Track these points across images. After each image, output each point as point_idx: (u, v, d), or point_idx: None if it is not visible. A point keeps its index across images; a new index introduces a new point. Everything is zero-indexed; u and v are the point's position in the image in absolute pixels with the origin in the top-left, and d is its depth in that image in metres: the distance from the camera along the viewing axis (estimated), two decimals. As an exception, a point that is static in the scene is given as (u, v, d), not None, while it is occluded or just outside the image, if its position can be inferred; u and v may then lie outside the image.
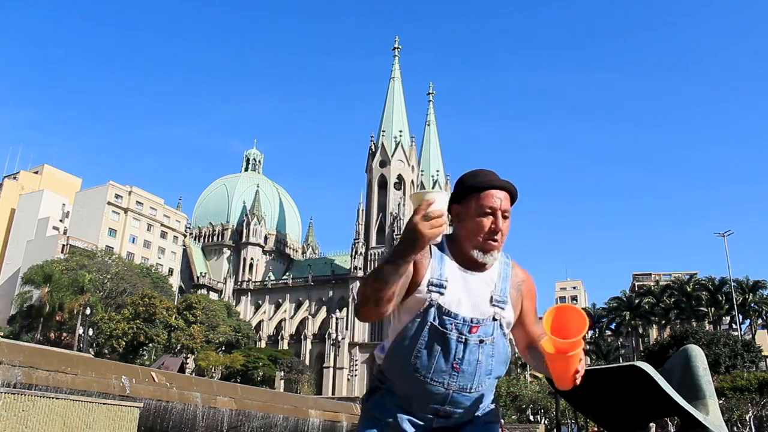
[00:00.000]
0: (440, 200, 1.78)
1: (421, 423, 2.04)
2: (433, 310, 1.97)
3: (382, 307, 1.87)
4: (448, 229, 1.92)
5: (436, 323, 1.97)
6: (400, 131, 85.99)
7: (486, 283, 2.06)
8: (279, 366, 66.12)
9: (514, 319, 2.11)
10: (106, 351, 53.62)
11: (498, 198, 2.03)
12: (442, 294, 1.98)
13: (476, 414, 2.08)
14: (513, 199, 2.09)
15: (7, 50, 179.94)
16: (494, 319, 2.02)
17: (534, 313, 2.20)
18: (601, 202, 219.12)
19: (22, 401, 4.28)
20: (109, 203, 78.71)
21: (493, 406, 2.15)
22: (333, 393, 70.00)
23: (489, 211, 2.02)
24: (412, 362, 1.97)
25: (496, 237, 2.02)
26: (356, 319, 2.11)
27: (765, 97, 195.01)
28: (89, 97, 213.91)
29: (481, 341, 1.98)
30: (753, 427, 32.70)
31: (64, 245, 71.76)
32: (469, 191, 2.05)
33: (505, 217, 2.04)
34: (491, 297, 2.04)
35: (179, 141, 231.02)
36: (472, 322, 1.97)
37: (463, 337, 1.96)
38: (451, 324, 1.96)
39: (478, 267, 2.06)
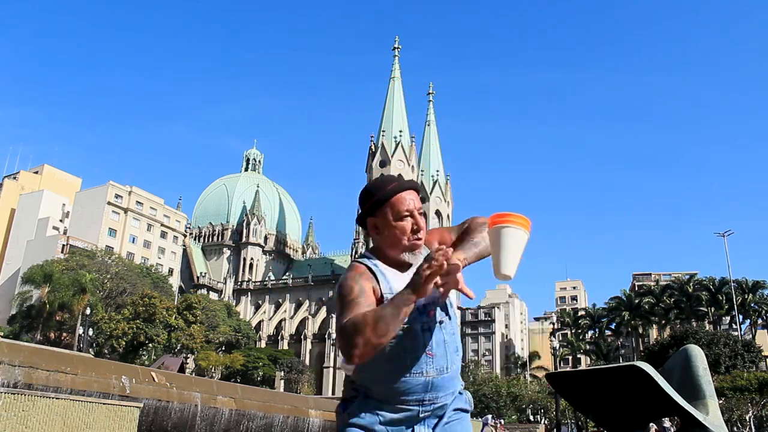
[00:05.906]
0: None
1: (405, 421, 2.07)
2: None
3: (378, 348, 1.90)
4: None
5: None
6: (400, 131, 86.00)
7: None
8: (279, 366, 66.24)
9: (454, 299, 2.21)
10: (106, 351, 53.68)
11: (410, 199, 2.15)
12: None
13: (453, 400, 2.15)
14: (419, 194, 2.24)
15: (7, 49, 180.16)
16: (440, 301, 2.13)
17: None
18: (601, 202, 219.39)
19: (22, 401, 4.28)
20: (109, 203, 78.75)
21: (461, 388, 2.22)
22: (333, 393, 69.98)
23: (407, 213, 2.13)
24: (390, 364, 2.04)
25: (419, 235, 2.14)
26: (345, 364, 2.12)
27: (765, 96, 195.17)
28: (89, 96, 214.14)
29: (441, 322, 2.11)
30: (753, 427, 32.73)
31: (64, 245, 71.79)
32: (381, 202, 2.15)
33: (420, 215, 2.17)
34: None
35: (179, 141, 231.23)
36: (425, 308, 2.07)
37: (426, 324, 2.07)
38: (412, 317, 2.04)
39: (406, 266, 2.17)
